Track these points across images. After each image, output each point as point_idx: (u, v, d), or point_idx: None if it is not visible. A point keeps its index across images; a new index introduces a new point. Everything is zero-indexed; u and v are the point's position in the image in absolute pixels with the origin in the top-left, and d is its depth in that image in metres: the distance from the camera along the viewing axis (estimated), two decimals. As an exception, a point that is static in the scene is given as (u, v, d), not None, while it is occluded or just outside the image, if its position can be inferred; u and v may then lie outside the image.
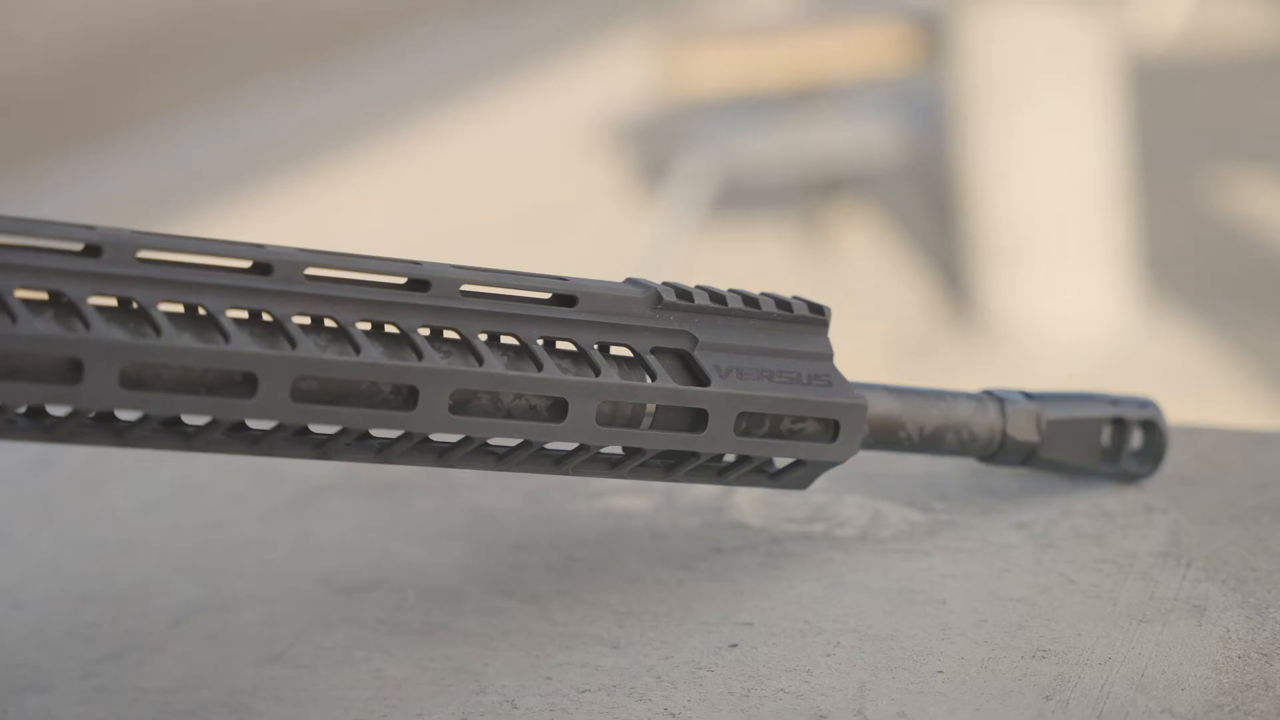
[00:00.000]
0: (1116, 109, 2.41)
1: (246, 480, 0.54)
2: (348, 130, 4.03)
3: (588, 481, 0.51)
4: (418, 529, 0.50)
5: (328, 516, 0.51)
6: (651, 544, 0.48)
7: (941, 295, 2.57)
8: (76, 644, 0.45)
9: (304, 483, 0.53)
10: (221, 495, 0.53)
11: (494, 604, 0.45)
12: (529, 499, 0.51)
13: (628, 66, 4.04)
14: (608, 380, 0.40)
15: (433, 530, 0.50)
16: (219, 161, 3.85)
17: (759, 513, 0.48)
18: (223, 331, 0.36)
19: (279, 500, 0.53)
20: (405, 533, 0.50)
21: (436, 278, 0.39)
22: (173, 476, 0.55)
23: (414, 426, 0.39)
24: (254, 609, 0.46)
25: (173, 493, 0.54)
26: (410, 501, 0.52)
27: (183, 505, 0.53)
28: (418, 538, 0.49)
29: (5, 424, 0.36)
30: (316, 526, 0.51)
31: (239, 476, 0.54)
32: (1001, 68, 2.39)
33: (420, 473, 0.53)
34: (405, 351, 0.38)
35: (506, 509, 0.51)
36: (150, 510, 0.53)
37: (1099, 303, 2.37)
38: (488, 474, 0.52)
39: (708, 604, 0.44)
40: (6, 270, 0.35)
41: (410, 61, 4.77)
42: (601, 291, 0.41)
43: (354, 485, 0.53)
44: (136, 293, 0.36)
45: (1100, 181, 2.40)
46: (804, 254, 2.88)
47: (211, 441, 0.38)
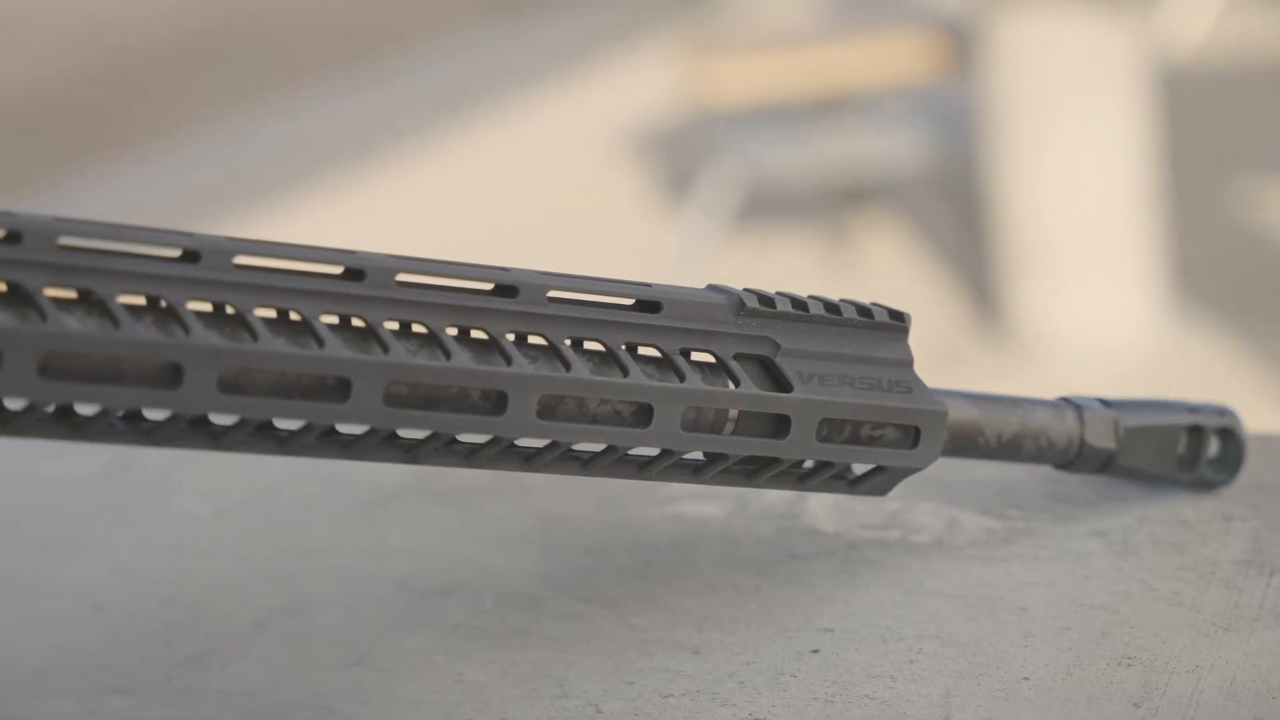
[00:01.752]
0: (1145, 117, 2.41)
1: (317, 485, 0.54)
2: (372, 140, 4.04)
3: (659, 487, 0.51)
4: (491, 534, 0.50)
5: (400, 521, 0.52)
6: (726, 550, 0.48)
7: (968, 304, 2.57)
8: (159, 646, 0.45)
9: (375, 488, 0.54)
10: (293, 500, 0.54)
11: (571, 609, 0.45)
12: (600, 504, 0.51)
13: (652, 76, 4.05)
14: (692, 386, 0.40)
15: (506, 535, 0.50)
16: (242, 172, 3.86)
17: (833, 519, 0.49)
18: (317, 337, 0.37)
19: (350, 505, 0.53)
20: (478, 537, 0.50)
21: (524, 284, 0.39)
22: (244, 482, 0.55)
23: (502, 431, 0.39)
24: (332, 612, 0.46)
25: (245, 498, 0.54)
26: (482, 506, 0.52)
27: (255, 510, 0.53)
28: (491, 542, 0.50)
29: (105, 428, 0.36)
30: (389, 531, 0.51)
31: (310, 481, 0.55)
32: (1031, 77, 2.39)
33: (491, 478, 0.54)
34: (494, 357, 0.39)
35: (578, 514, 0.51)
36: (223, 515, 0.53)
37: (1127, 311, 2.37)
38: (558, 479, 0.53)
39: (787, 610, 0.44)
40: (109, 276, 0.35)
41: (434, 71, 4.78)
42: (685, 298, 0.41)
43: (425, 490, 0.53)
44: (233, 298, 0.36)
45: (1128, 190, 2.40)
46: (829, 264, 2.89)
47: (305, 446, 0.38)
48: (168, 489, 0.55)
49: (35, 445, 0.59)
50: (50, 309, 0.34)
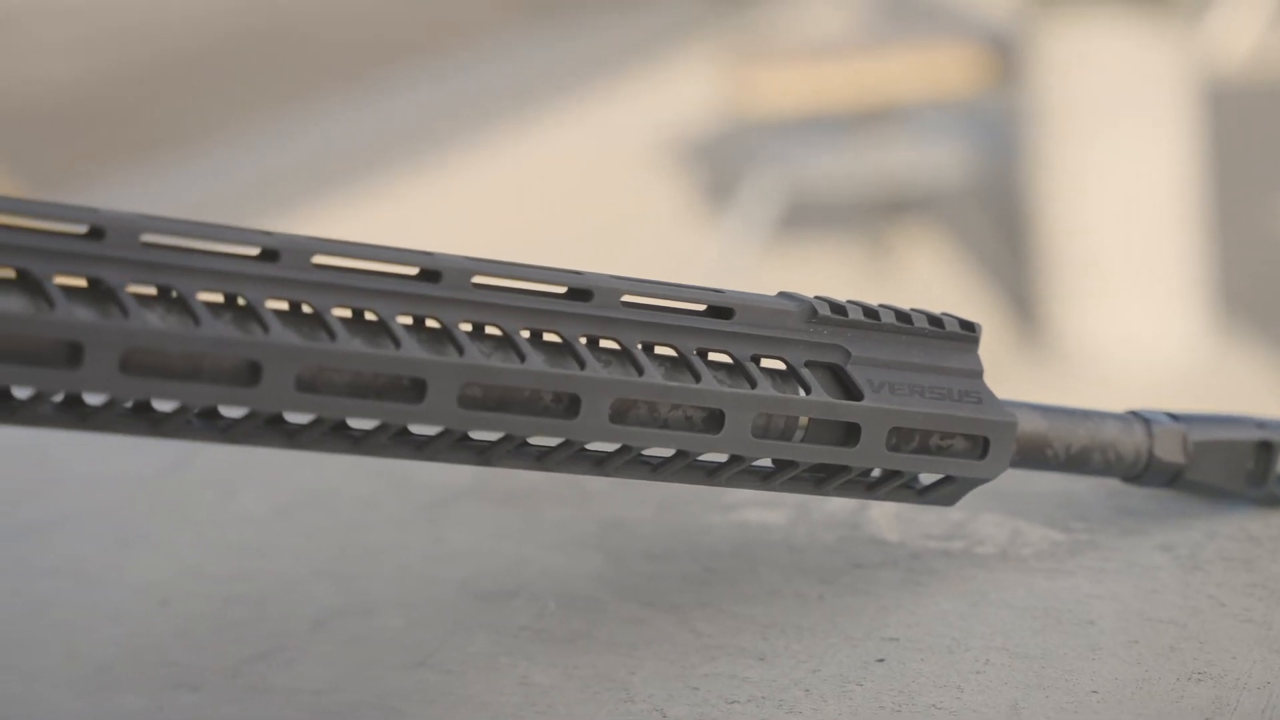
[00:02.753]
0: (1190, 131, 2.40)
1: (377, 486, 0.55)
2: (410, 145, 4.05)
3: (721, 493, 0.52)
4: (552, 537, 0.50)
5: (461, 523, 0.52)
6: (789, 557, 0.48)
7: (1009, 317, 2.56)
8: (225, 643, 0.45)
9: (435, 489, 0.54)
10: (353, 500, 0.54)
11: (634, 613, 0.45)
12: (661, 509, 0.51)
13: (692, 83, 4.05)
14: (763, 393, 0.40)
15: (567, 539, 0.50)
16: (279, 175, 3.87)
17: (896, 528, 0.49)
18: (394, 337, 0.37)
19: (411, 506, 0.53)
20: (539, 540, 0.50)
21: (598, 287, 0.39)
22: (305, 481, 0.55)
23: (575, 435, 0.39)
24: (395, 613, 0.46)
25: (306, 497, 0.54)
26: (542, 510, 0.52)
27: (316, 510, 0.54)
28: (552, 546, 0.50)
29: (183, 424, 0.36)
30: (450, 533, 0.51)
31: (370, 482, 0.55)
32: (1076, 90, 2.38)
33: (551, 481, 0.54)
34: (567, 360, 0.39)
35: (639, 519, 0.51)
36: (284, 514, 0.53)
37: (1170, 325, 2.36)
38: (618, 483, 0.53)
39: (851, 618, 0.44)
40: (190, 273, 0.35)
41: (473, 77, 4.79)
42: (757, 304, 0.41)
43: (485, 493, 0.54)
44: (311, 297, 0.37)
45: (1172, 204, 2.39)
46: (869, 274, 2.88)
47: (379, 446, 0.38)
48: (229, 487, 0.55)
49: (100, 442, 0.60)
50: (132, 305, 0.35)
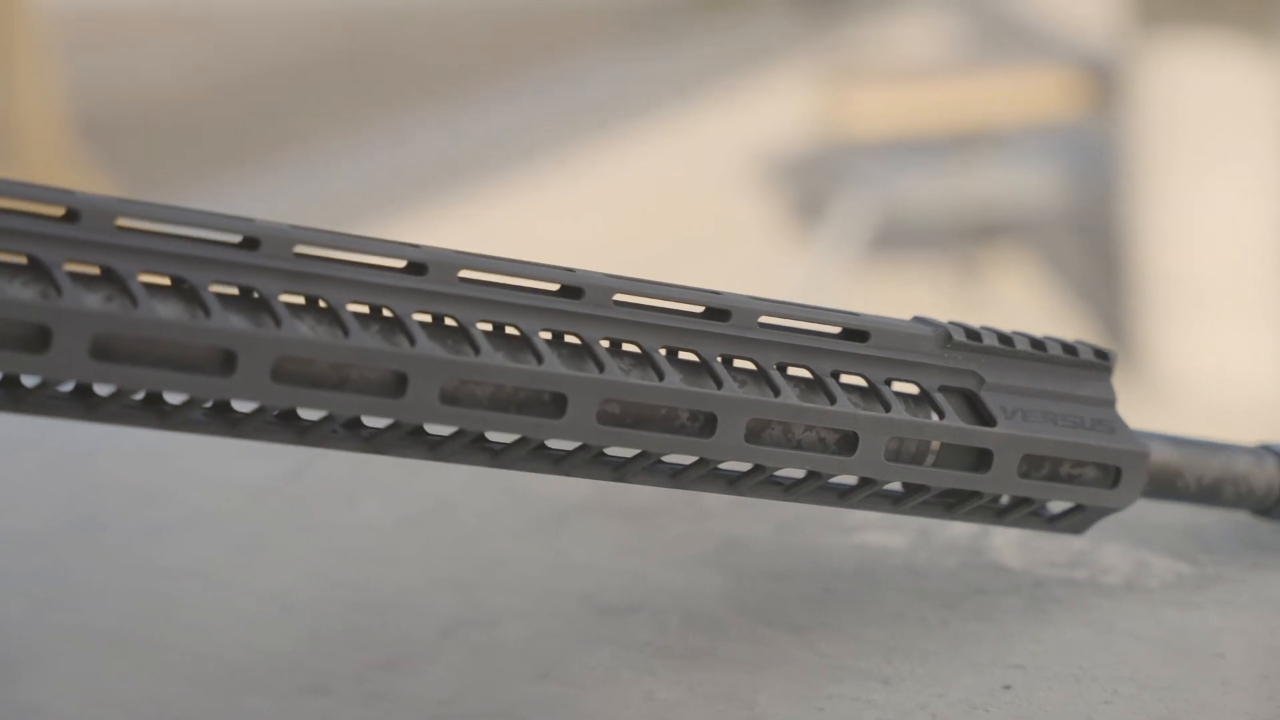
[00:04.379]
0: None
1: (497, 498, 0.55)
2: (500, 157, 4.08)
3: (840, 515, 0.52)
4: (671, 554, 0.51)
5: (580, 537, 0.52)
6: (910, 581, 0.48)
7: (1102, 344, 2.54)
8: (350, 650, 0.46)
9: (554, 502, 0.54)
10: (473, 512, 0.55)
11: (757, 632, 0.46)
12: (781, 529, 0.52)
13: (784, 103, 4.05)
14: (897, 416, 0.40)
15: (686, 556, 0.50)
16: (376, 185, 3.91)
17: (1018, 555, 0.49)
18: (536, 352, 0.37)
19: (531, 519, 0.54)
20: (659, 557, 0.50)
21: (737, 308, 0.39)
22: (425, 491, 0.56)
23: (710, 453, 0.39)
24: (517, 625, 0.47)
25: (426, 508, 0.55)
26: (661, 526, 0.53)
27: (437, 520, 0.54)
28: (672, 562, 0.50)
29: (329, 434, 0.37)
30: (570, 546, 0.52)
31: (489, 494, 0.55)
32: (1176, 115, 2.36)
33: (670, 498, 0.54)
34: (705, 379, 0.39)
35: (759, 538, 0.51)
36: (406, 524, 0.54)
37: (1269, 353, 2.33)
38: (737, 502, 0.53)
39: (976, 644, 0.44)
40: (340, 284, 0.36)
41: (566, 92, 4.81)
42: (892, 328, 0.41)
43: (604, 507, 0.54)
44: (456, 311, 0.37)
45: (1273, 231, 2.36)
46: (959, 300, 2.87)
47: (517, 459, 0.39)
48: (350, 495, 0.56)
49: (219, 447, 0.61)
50: (285, 315, 0.35)
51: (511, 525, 0.53)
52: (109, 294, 0.34)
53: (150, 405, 0.36)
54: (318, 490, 0.57)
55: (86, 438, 0.62)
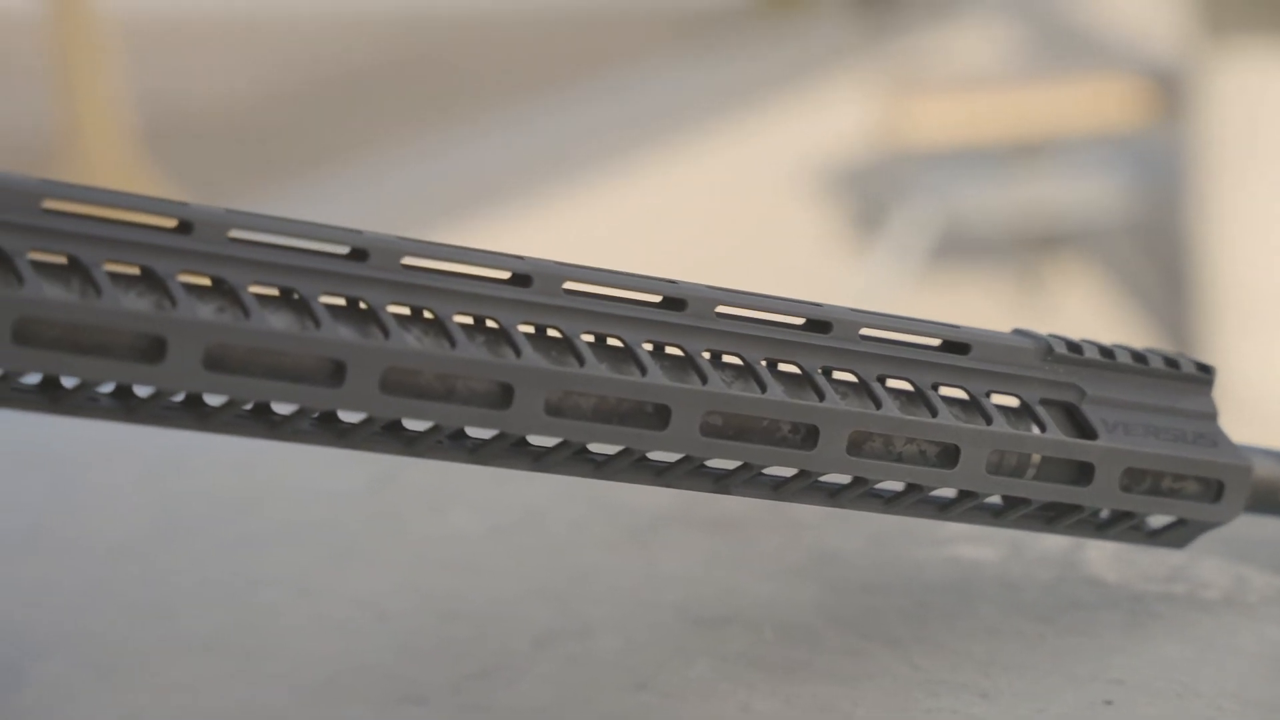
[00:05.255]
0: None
1: (586, 508, 0.55)
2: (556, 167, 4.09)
3: (933, 528, 0.51)
4: (764, 565, 0.51)
5: (671, 548, 0.52)
6: (1005, 594, 0.48)
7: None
8: (445, 660, 0.46)
9: (643, 513, 0.54)
10: (563, 522, 0.55)
11: (852, 645, 0.46)
12: (873, 542, 0.51)
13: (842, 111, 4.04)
14: (999, 429, 0.40)
15: (779, 567, 0.50)
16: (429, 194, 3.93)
17: (1114, 569, 0.48)
18: (639, 364, 0.37)
19: (621, 529, 0.54)
20: (752, 568, 0.50)
21: (838, 320, 0.39)
22: (514, 501, 0.56)
23: (812, 465, 0.39)
24: (612, 636, 0.47)
25: (516, 518, 0.55)
26: (753, 537, 0.53)
27: (526, 530, 0.54)
28: (765, 574, 0.50)
29: (434, 444, 0.37)
30: (661, 557, 0.52)
31: (578, 504, 0.56)
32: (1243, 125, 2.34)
33: (758, 509, 0.54)
34: (807, 391, 0.39)
35: (852, 550, 0.51)
36: (495, 533, 0.54)
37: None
38: (828, 514, 0.53)
39: (1074, 659, 0.44)
40: (447, 295, 0.36)
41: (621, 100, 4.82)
42: (994, 341, 0.41)
43: (694, 518, 0.54)
44: (560, 322, 0.37)
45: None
46: (1020, 310, 2.85)
47: (619, 470, 0.39)
48: (438, 505, 0.56)
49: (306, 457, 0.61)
50: (393, 326, 0.35)
51: (601, 536, 0.53)
52: (221, 305, 0.34)
53: (259, 416, 0.36)
54: (405, 500, 0.57)
55: (174, 447, 0.62)
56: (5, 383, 0.33)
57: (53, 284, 0.33)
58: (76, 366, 0.33)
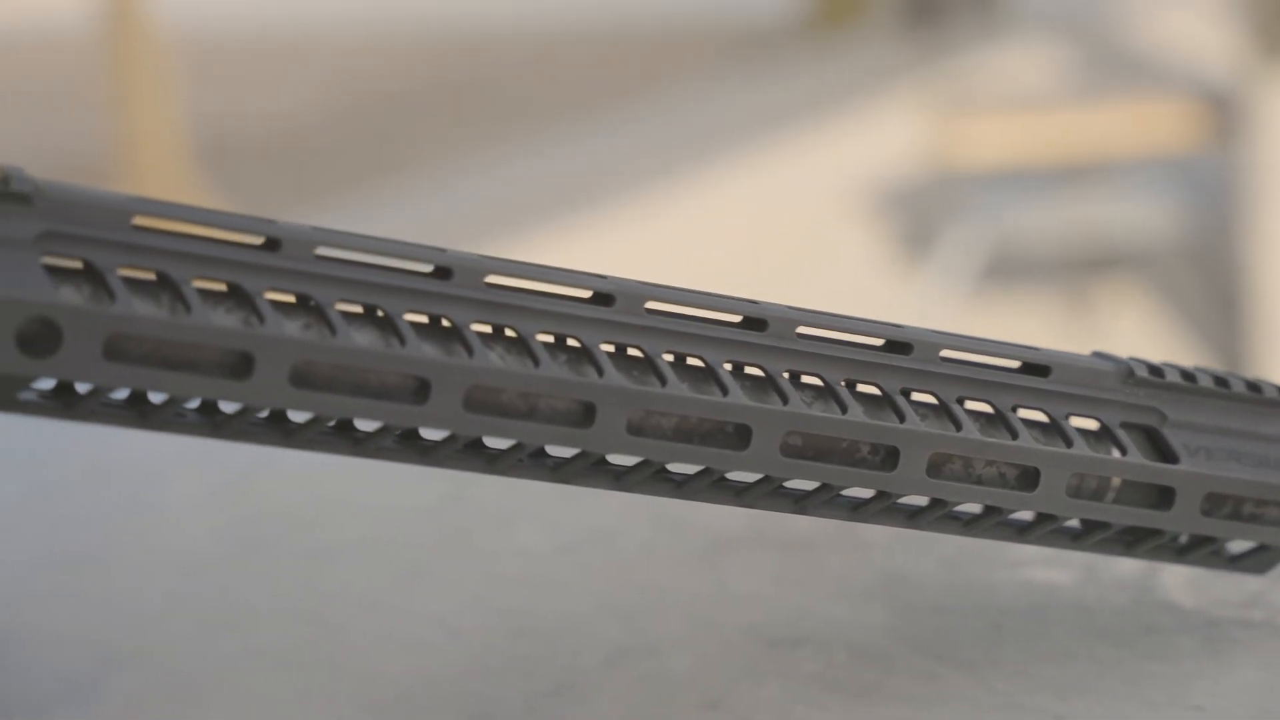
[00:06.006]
0: None
1: (653, 527, 0.55)
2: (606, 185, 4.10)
3: (1005, 550, 0.51)
4: (834, 586, 0.50)
5: (741, 568, 0.52)
6: (1080, 618, 0.47)
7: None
8: (517, 676, 0.46)
9: (712, 533, 0.54)
10: (632, 541, 0.55)
11: (925, 667, 0.45)
12: (944, 564, 0.51)
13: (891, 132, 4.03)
14: (1079, 452, 0.40)
15: (850, 589, 0.50)
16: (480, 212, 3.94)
17: (1190, 594, 0.48)
18: (721, 384, 0.37)
19: (690, 549, 0.54)
20: (822, 589, 0.50)
21: (918, 341, 0.39)
22: (583, 520, 0.56)
23: (891, 487, 0.39)
24: (683, 654, 0.47)
25: (585, 535, 0.55)
26: (821, 558, 0.52)
27: (595, 548, 0.54)
28: (836, 595, 0.50)
29: (515, 463, 0.37)
30: (730, 576, 0.52)
31: (646, 523, 0.56)
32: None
33: (827, 530, 0.54)
34: (887, 412, 0.39)
35: (922, 572, 0.51)
36: (564, 551, 0.54)
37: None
38: (898, 535, 0.53)
39: (1151, 684, 0.44)
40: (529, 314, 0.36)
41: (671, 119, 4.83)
42: (1074, 364, 0.41)
43: (763, 539, 0.54)
44: (643, 342, 0.37)
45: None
46: (1070, 333, 2.84)
47: (700, 490, 0.39)
48: (507, 521, 0.56)
49: (373, 474, 0.61)
50: (477, 344, 0.36)
51: (670, 555, 0.53)
52: (307, 322, 0.34)
53: (343, 432, 0.36)
54: (473, 517, 0.57)
55: (242, 462, 0.62)
56: (95, 397, 0.33)
57: (143, 300, 0.33)
58: (165, 382, 0.33)
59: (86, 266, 0.32)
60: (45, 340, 0.32)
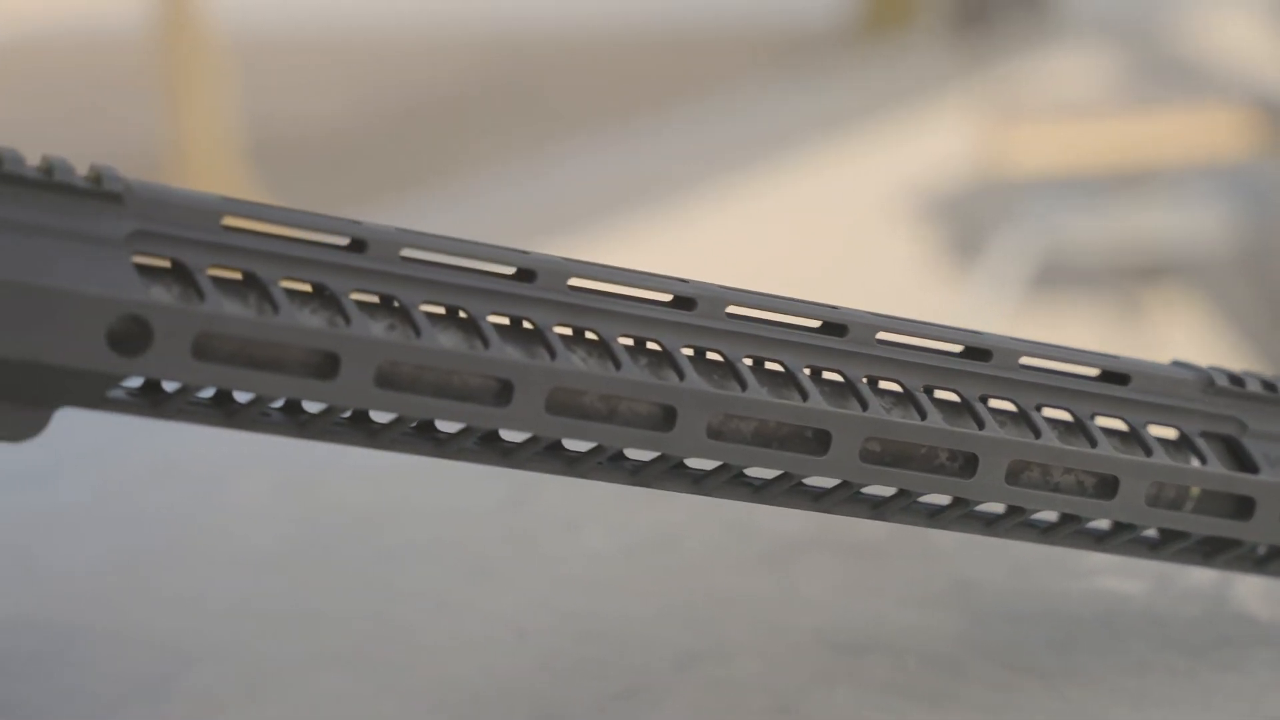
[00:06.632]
0: None
1: (719, 530, 0.55)
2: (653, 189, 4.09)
3: (1076, 558, 0.51)
4: (904, 592, 0.50)
5: (808, 572, 0.52)
6: (1152, 629, 0.47)
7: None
8: (586, 679, 0.46)
9: (779, 537, 0.54)
10: (699, 544, 0.55)
11: (998, 676, 0.45)
12: (1014, 571, 0.51)
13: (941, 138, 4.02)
14: (1159, 461, 0.40)
15: (920, 595, 0.50)
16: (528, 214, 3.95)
17: (1265, 605, 0.48)
18: (801, 389, 0.37)
19: (757, 553, 0.54)
20: (892, 595, 0.50)
21: (998, 348, 0.39)
22: (649, 522, 0.56)
23: (969, 494, 0.39)
24: (752, 659, 0.47)
25: (651, 539, 0.55)
26: (890, 564, 0.52)
27: (662, 551, 0.54)
28: (906, 601, 0.50)
29: (595, 465, 0.37)
30: (799, 581, 0.52)
31: (711, 526, 0.56)
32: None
33: (897, 535, 0.54)
34: (966, 419, 0.39)
35: (993, 579, 0.51)
36: (630, 554, 0.54)
37: None
38: (967, 542, 0.53)
39: (1227, 696, 0.43)
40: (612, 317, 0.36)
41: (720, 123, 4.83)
42: (1154, 372, 0.40)
43: (831, 543, 0.54)
44: (723, 345, 0.37)
45: None
46: (1121, 342, 2.83)
47: (776, 495, 0.39)
48: (572, 524, 0.57)
49: (437, 474, 0.61)
50: (559, 347, 0.36)
51: (738, 558, 0.53)
52: (391, 323, 0.34)
53: (425, 433, 0.36)
54: (538, 519, 0.57)
55: (306, 462, 0.63)
56: (182, 396, 0.33)
57: (231, 300, 0.33)
58: (252, 381, 0.33)
59: (175, 266, 0.33)
60: (135, 339, 0.32)
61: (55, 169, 0.31)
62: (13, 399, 0.31)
